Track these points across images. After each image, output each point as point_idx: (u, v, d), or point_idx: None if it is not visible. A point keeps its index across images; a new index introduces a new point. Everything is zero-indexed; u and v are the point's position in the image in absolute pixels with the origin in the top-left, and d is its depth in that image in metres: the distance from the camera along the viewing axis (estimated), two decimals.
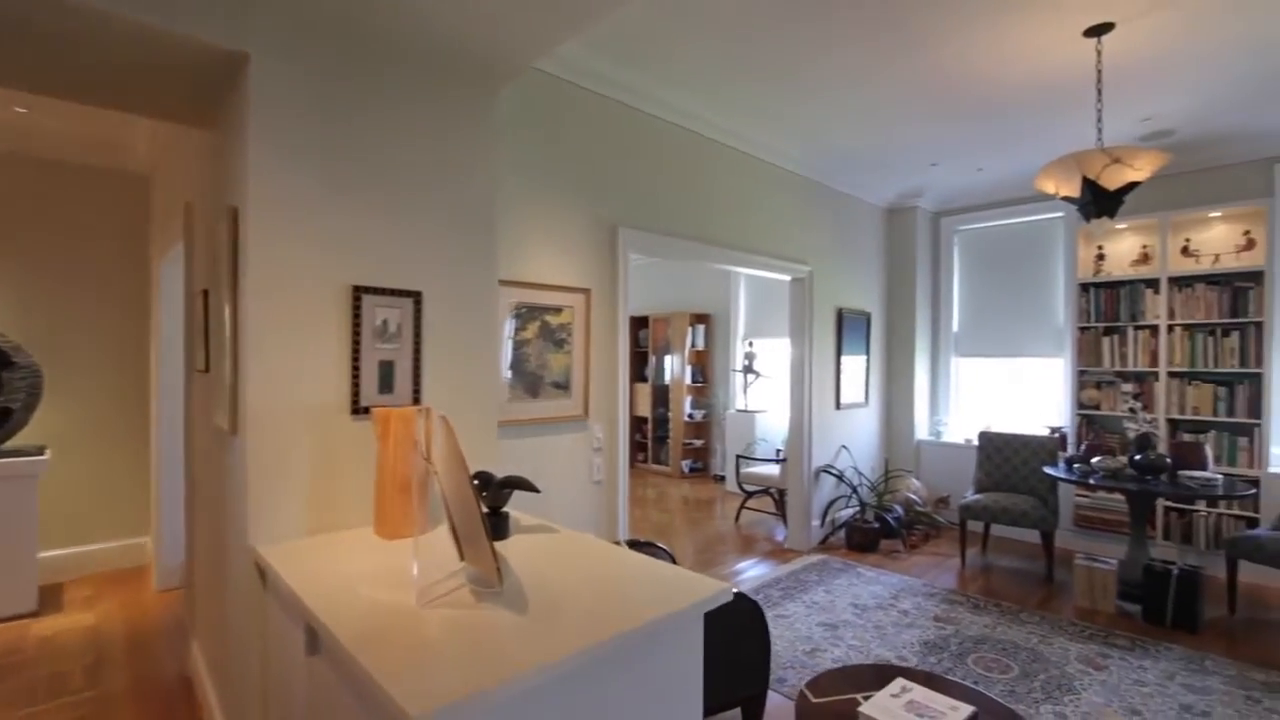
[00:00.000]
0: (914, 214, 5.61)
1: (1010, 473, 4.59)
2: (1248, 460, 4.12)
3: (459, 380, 2.25)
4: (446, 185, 2.21)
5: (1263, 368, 4.07)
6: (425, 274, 2.16)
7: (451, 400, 2.23)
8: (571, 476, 3.15)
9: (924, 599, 3.78)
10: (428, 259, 2.17)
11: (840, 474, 5.04)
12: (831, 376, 5.07)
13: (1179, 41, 2.96)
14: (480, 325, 2.31)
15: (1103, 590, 3.63)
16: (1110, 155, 2.67)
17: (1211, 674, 2.90)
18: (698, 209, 3.88)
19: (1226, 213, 4.31)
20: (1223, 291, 4.23)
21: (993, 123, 3.94)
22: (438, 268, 2.19)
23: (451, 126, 2.22)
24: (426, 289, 2.16)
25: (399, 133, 2.09)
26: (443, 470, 1.37)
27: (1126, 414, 4.25)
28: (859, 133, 4.16)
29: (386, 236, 2.07)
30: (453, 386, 2.23)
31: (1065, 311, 5.04)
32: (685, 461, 7.76)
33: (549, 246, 3.02)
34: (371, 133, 2.03)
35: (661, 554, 2.87)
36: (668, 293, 8.30)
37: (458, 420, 2.25)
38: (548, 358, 2.99)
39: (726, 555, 4.68)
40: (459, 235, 2.25)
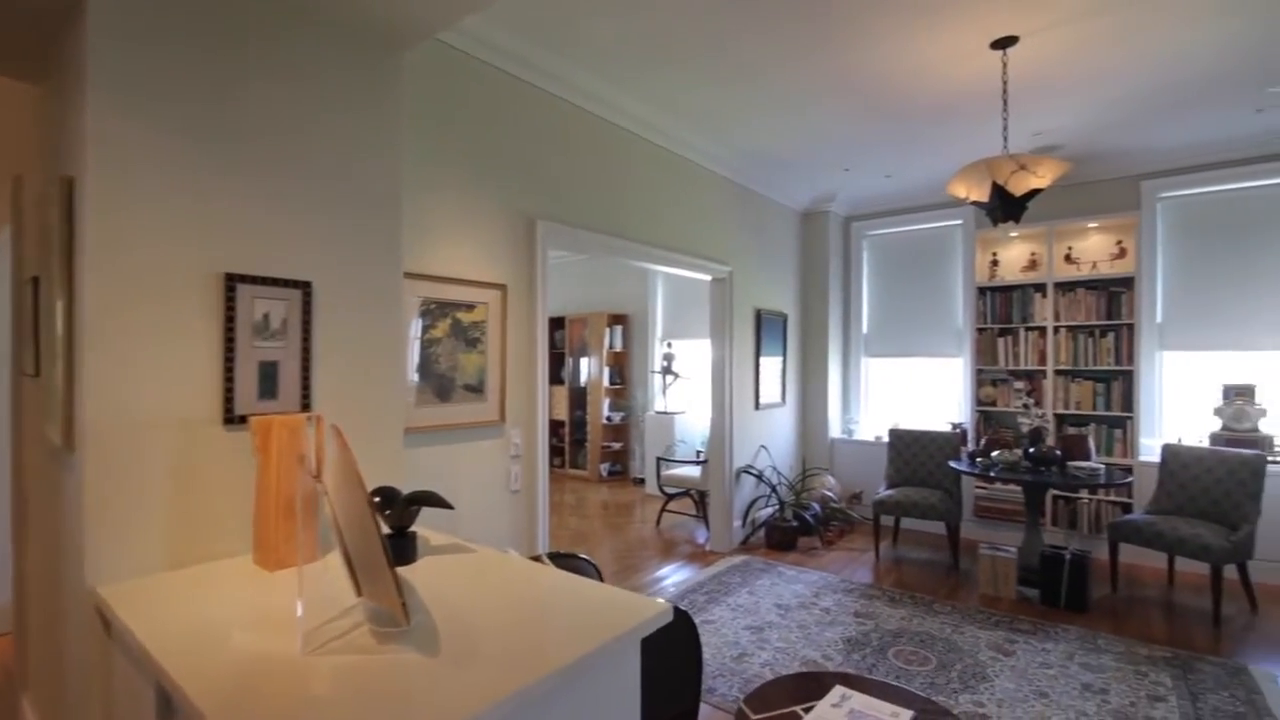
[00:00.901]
0: (827, 218, 5.76)
1: (918, 468, 4.78)
2: (1122, 450, 4.49)
3: (358, 383, 1.99)
4: (344, 163, 1.95)
5: (1134, 365, 4.45)
6: (317, 262, 1.89)
7: (349, 406, 1.97)
8: (487, 486, 2.92)
9: (843, 595, 3.83)
10: (320, 245, 1.90)
11: (760, 474, 5.07)
12: (751, 377, 5.09)
13: (1070, 62, 3.15)
14: (382, 321, 2.06)
15: (1004, 578, 3.82)
16: (1017, 162, 2.78)
17: (1104, 652, 3.09)
18: (620, 204, 3.75)
19: (1102, 224, 4.69)
20: (1100, 296, 4.60)
21: (903, 129, 4.07)
22: (332, 255, 1.93)
23: (349, 99, 1.96)
24: (318, 279, 1.89)
25: (285, 102, 1.82)
26: (334, 489, 1.15)
27: (1020, 410, 4.53)
28: (777, 131, 4.18)
29: (269, 218, 1.78)
30: (350, 390, 1.97)
31: (964, 314, 5.33)
32: (604, 465, 7.61)
33: (462, 238, 2.79)
34: (253, 101, 1.75)
35: (586, 567, 2.70)
36: (585, 292, 8.13)
37: (357, 429, 1.99)
38: (460, 358, 2.75)
39: (649, 561, 4.57)
40: (358, 220, 1.99)
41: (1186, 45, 3.01)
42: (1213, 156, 4.36)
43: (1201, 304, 4.46)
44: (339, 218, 1.94)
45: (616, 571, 4.32)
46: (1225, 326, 4.38)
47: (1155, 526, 3.64)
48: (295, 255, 1.84)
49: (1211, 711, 2.57)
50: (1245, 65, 3.23)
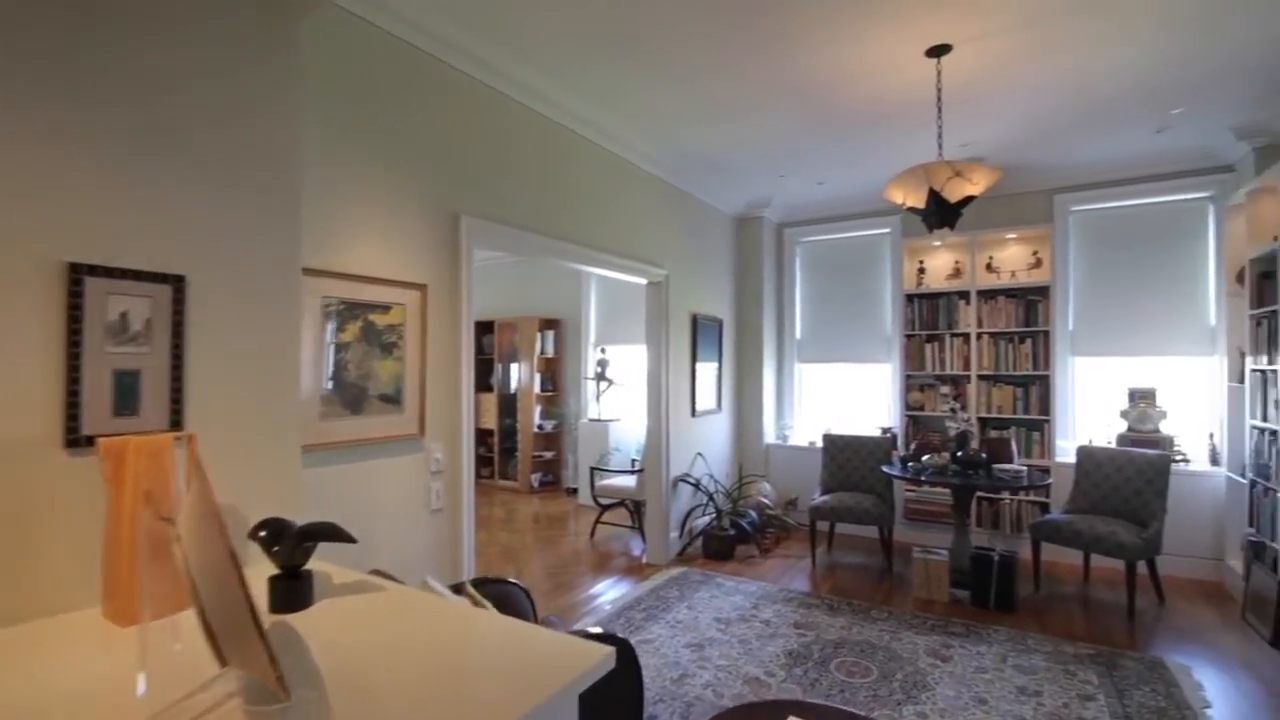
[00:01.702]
0: (761, 224, 5.75)
1: (851, 472, 4.80)
2: (1040, 452, 4.68)
3: (244, 395, 1.70)
4: (229, 138, 1.66)
5: (1050, 370, 4.65)
6: (192, 252, 1.60)
7: (233, 422, 1.68)
8: (405, 506, 2.64)
9: (783, 605, 3.76)
10: (197, 233, 1.61)
11: (697, 482, 4.97)
12: (687, 383, 4.99)
13: (997, 74, 3.21)
14: (276, 323, 1.78)
15: (937, 580, 3.86)
16: (953, 168, 2.79)
17: (1034, 652, 3.14)
18: (554, 203, 3.55)
19: (1020, 235, 4.88)
20: (1019, 304, 4.78)
21: (838, 136, 4.08)
22: (212, 245, 1.64)
23: (236, 62, 1.68)
24: (194, 272, 1.60)
25: (156, 62, 1.52)
26: (187, 534, 0.90)
27: (948, 414, 4.64)
28: (715, 134, 4.10)
29: (131, 199, 1.49)
30: (235, 404, 1.68)
31: (893, 320, 5.43)
32: (535, 475, 7.33)
33: (376, 233, 2.51)
34: (115, 60, 1.45)
35: (516, 594, 2.48)
36: (515, 295, 7.83)
37: (243, 449, 1.70)
38: (373, 365, 2.48)
39: (583, 576, 4.36)
40: (246, 205, 1.71)
41: (1100, 66, 3.13)
42: (1117, 174, 4.62)
43: (1108, 312, 4.71)
44: (222, 202, 1.66)
45: (549, 590, 4.08)
46: (1129, 333, 4.64)
47: (1074, 525, 3.78)
48: (164, 244, 1.55)
49: (1138, 708, 2.63)
50: (1150, 87, 3.39)
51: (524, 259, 7.57)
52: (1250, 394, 3.66)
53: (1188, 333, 4.48)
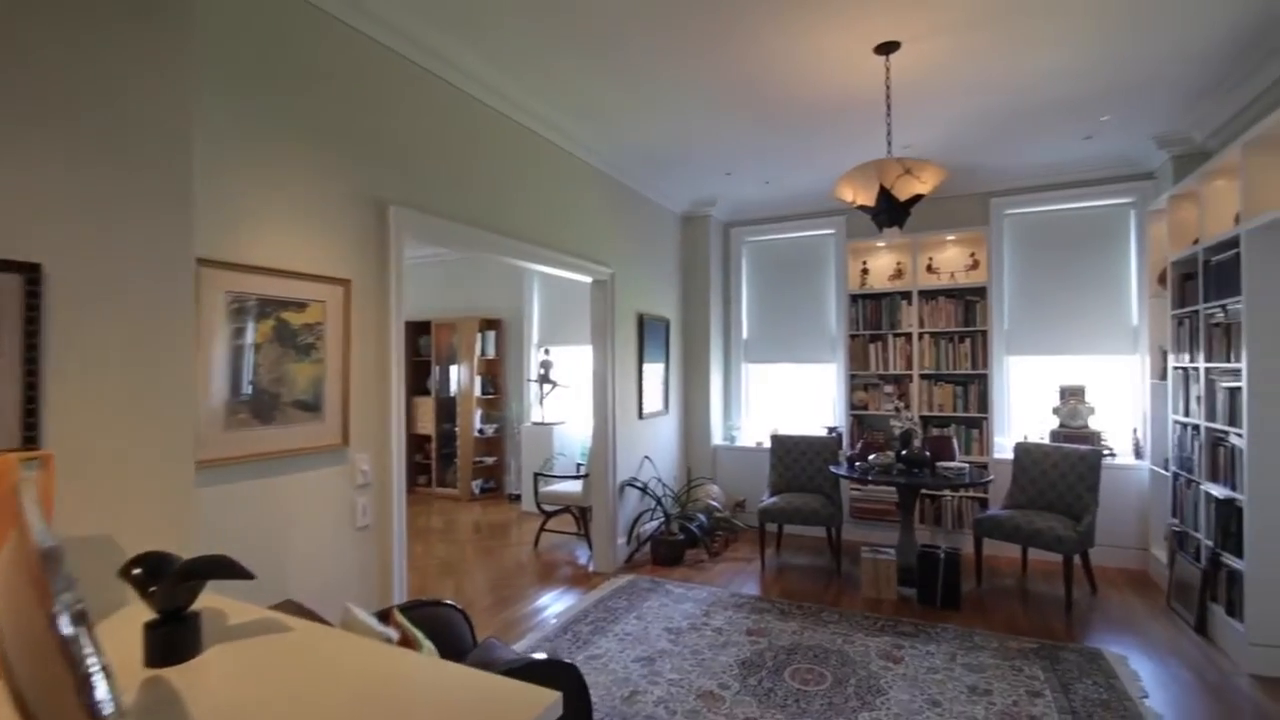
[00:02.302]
0: (707, 222, 5.69)
1: (799, 473, 4.78)
2: (979, 449, 4.78)
3: (123, 405, 1.45)
4: (97, 98, 1.41)
5: (988, 369, 4.76)
6: (52, 237, 1.34)
7: (107, 437, 1.42)
8: (326, 524, 2.39)
9: (734, 612, 3.67)
10: (57, 215, 1.35)
11: (645, 486, 4.84)
12: (634, 385, 4.85)
13: (941, 74, 3.22)
14: (163, 321, 1.53)
15: (886, 579, 3.86)
16: (903, 165, 2.75)
17: (981, 649, 3.16)
18: (494, 196, 3.34)
19: (958, 237, 4.99)
20: (958, 304, 4.88)
21: (785, 134, 4.03)
22: (78, 230, 1.38)
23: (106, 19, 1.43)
24: (54, 260, 1.34)
25: None
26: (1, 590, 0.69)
27: (892, 413, 4.68)
28: (663, 129, 3.98)
29: None
30: (110, 416, 1.43)
31: (838, 320, 5.47)
32: (476, 482, 7.04)
33: (290, 222, 2.26)
34: None
35: (453, 617, 2.28)
36: (453, 295, 7.51)
37: (122, 467, 1.44)
38: (288, 369, 2.22)
39: (526, 589, 4.16)
40: (121, 186, 1.45)
41: (1039, 68, 3.18)
42: (1047, 179, 4.78)
43: (1040, 313, 4.87)
44: (90, 181, 1.40)
45: (491, 605, 3.86)
46: (1059, 333, 4.81)
47: (1014, 520, 3.85)
48: (13, 227, 1.29)
49: (1083, 701, 2.66)
50: (1082, 95, 3.49)
51: (463, 256, 7.28)
52: (1172, 390, 3.82)
53: (1112, 332, 4.67)
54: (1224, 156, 3.18)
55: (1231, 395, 3.10)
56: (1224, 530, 3.15)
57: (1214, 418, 3.26)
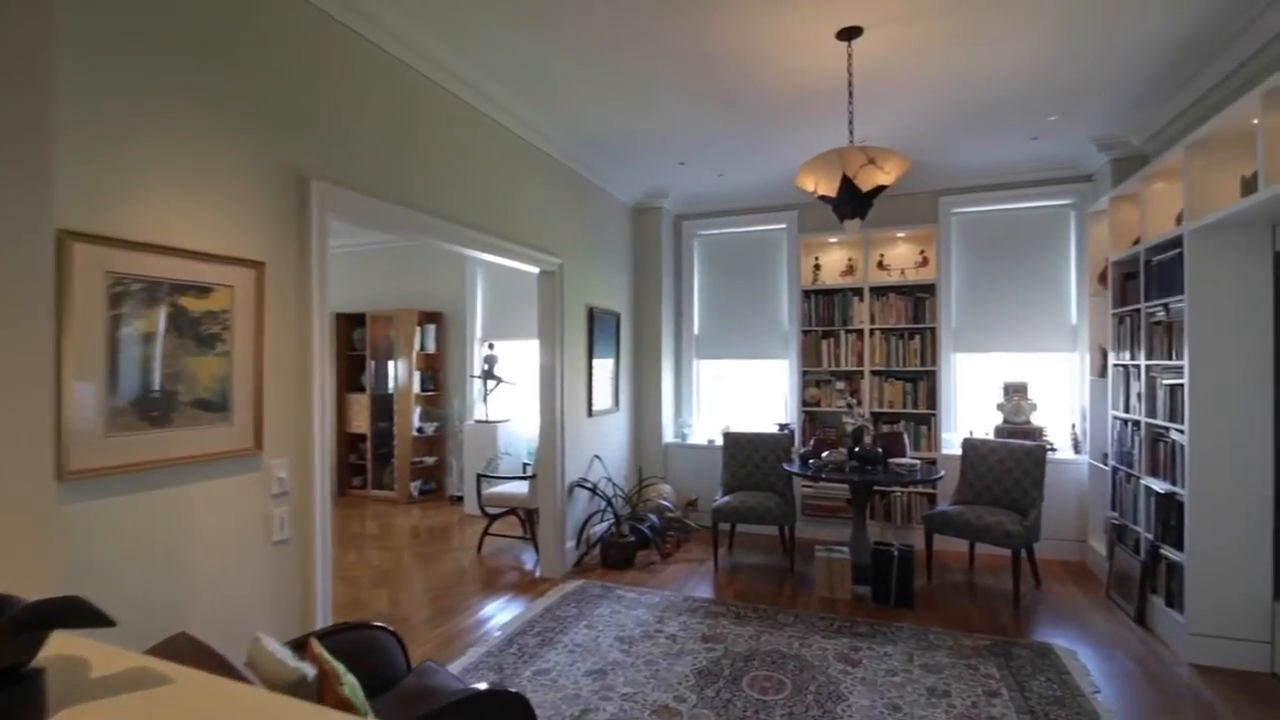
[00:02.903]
0: (659, 214, 5.53)
1: (752, 470, 4.70)
2: (927, 445, 4.82)
3: None
4: None
5: (936, 366, 4.79)
6: None
7: None
8: (236, 541, 2.11)
9: (688, 617, 3.53)
10: None
11: (594, 487, 4.65)
12: (583, 381, 4.65)
13: (900, 64, 3.16)
14: (10, 307, 1.24)
15: (840, 578, 3.81)
16: (867, 155, 2.66)
17: (937, 647, 3.13)
18: (434, 175, 3.08)
19: (908, 234, 5.01)
20: (908, 301, 4.90)
21: (742, 121, 3.91)
22: None
23: None
24: None
25: None
26: None
27: (844, 409, 4.65)
28: (617, 113, 3.79)
29: None
30: None
31: (790, 316, 5.42)
32: (415, 483, 6.68)
33: (188, 193, 1.96)
34: None
35: (382, 641, 2.04)
36: (390, 285, 7.11)
37: None
38: (187, 363, 1.92)
39: (469, 598, 3.90)
40: None
41: (995, 64, 3.17)
42: (994, 179, 4.85)
43: (985, 311, 4.95)
44: None
45: (430, 618, 3.60)
46: (1003, 331, 4.90)
47: (964, 516, 3.86)
48: None
49: (1039, 699, 2.65)
50: (1032, 93, 3.51)
51: (402, 243, 6.88)
52: (1112, 387, 3.92)
53: (1053, 330, 4.79)
54: (1166, 159, 3.24)
55: (1172, 392, 3.16)
56: (1164, 524, 3.22)
57: (1155, 414, 3.33)
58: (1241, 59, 2.98)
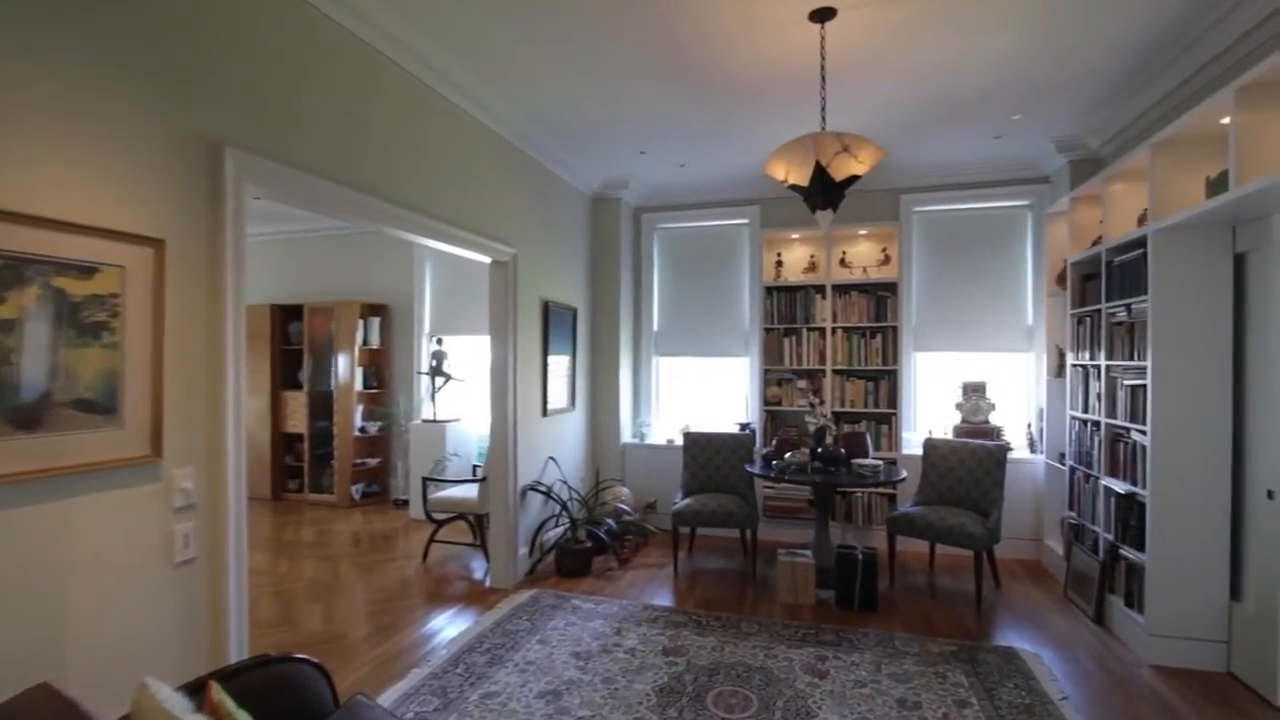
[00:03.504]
0: (618, 206, 5.33)
1: (713, 472, 4.55)
2: (888, 444, 4.77)
3: None
4: None
5: (898, 365, 4.75)
6: None
7: None
8: (128, 563, 1.81)
9: (648, 628, 3.35)
10: None
11: (549, 490, 4.42)
12: (538, 379, 4.42)
13: (872, 53, 3.05)
14: None
15: (804, 583, 3.70)
16: (841, 141, 2.53)
17: (904, 654, 3.03)
18: (376, 154, 2.80)
19: (870, 231, 4.95)
20: (870, 299, 4.84)
21: (706, 107, 3.75)
22: None
23: None
24: None
25: None
26: None
27: (806, 409, 4.55)
28: (577, 95, 3.57)
29: None
30: None
31: (751, 313, 5.30)
32: (357, 486, 6.30)
33: (64, 150, 1.65)
34: None
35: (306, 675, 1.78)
36: (330, 275, 6.68)
37: None
38: (64, 357, 1.62)
39: (412, 612, 3.62)
40: None
41: (966, 55, 3.09)
42: (955, 178, 4.83)
43: (945, 310, 4.93)
44: None
45: (369, 635, 3.31)
46: (962, 331, 4.90)
47: (927, 518, 3.81)
48: None
49: (1009, 708, 2.57)
50: (999, 90, 3.46)
51: (346, 230, 6.46)
52: (1070, 387, 3.93)
53: (1010, 331, 4.81)
54: (1129, 159, 3.23)
55: (1133, 393, 3.16)
56: (1124, 524, 3.22)
57: (1115, 414, 3.33)
58: (1204, 60, 2.98)
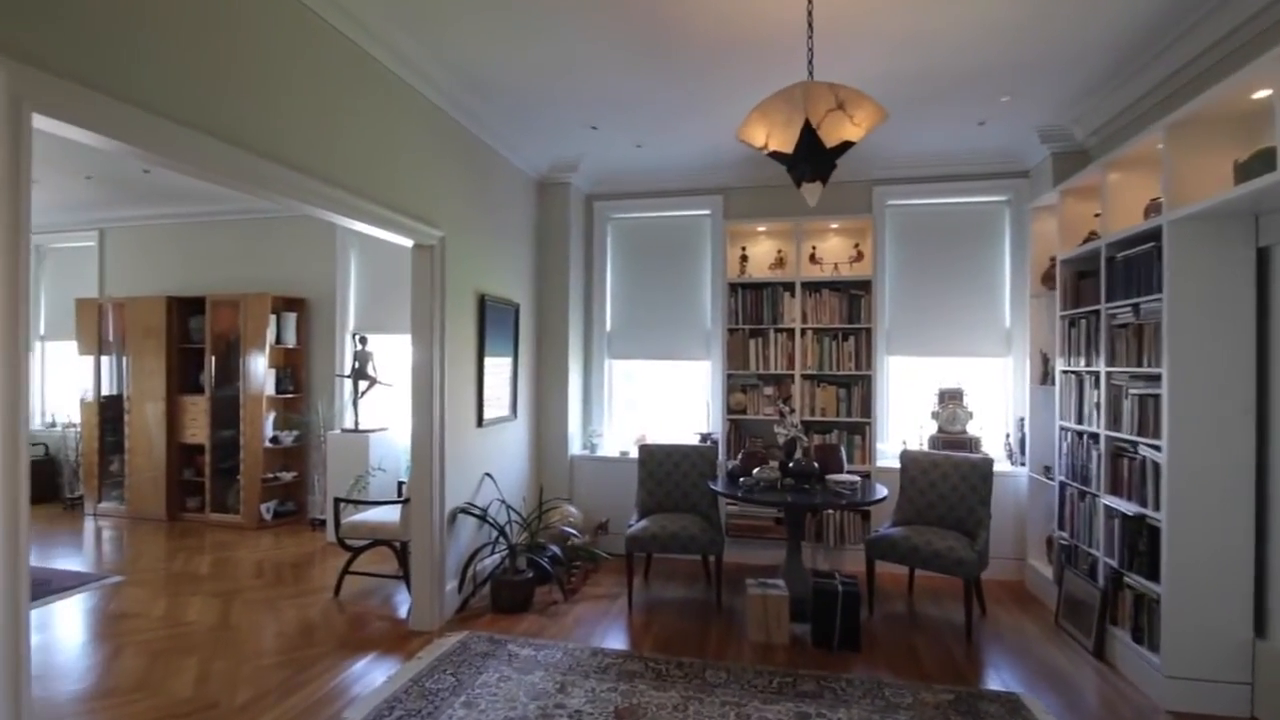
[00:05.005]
0: (567, 191, 4.79)
1: (672, 489, 4.06)
2: (861, 456, 4.38)
3: None
4: None
5: (872, 370, 4.37)
6: None
7: None
8: None
9: (598, 680, 2.82)
10: None
11: (484, 513, 3.83)
12: (472, 384, 3.83)
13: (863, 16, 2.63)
14: None
15: (776, 619, 3.24)
16: (836, 95, 2.07)
17: (897, 707, 2.60)
18: (261, 102, 2.20)
19: (842, 225, 4.57)
20: (842, 298, 4.45)
21: (668, 72, 3.26)
22: None
23: None
24: None
25: None
26: None
27: (775, 418, 4.12)
28: (517, 49, 3.03)
29: None
30: None
31: (714, 313, 4.85)
32: (268, 504, 5.54)
33: None
34: None
35: None
36: (238, 264, 5.90)
37: None
38: None
39: (313, 666, 2.99)
40: None
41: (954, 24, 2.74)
42: (930, 169, 4.50)
43: (919, 311, 4.60)
44: None
45: (249, 703, 2.66)
46: (936, 334, 4.57)
47: (910, 541, 3.42)
48: None
49: None
50: (995, 62, 3.10)
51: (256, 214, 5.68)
52: (1060, 396, 3.61)
53: (987, 334, 4.51)
54: (1135, 144, 2.91)
55: (1142, 403, 2.83)
56: (1131, 549, 2.88)
57: (1118, 426, 3.00)
58: (1222, 33, 2.67)
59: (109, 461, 5.94)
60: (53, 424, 6.60)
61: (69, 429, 6.33)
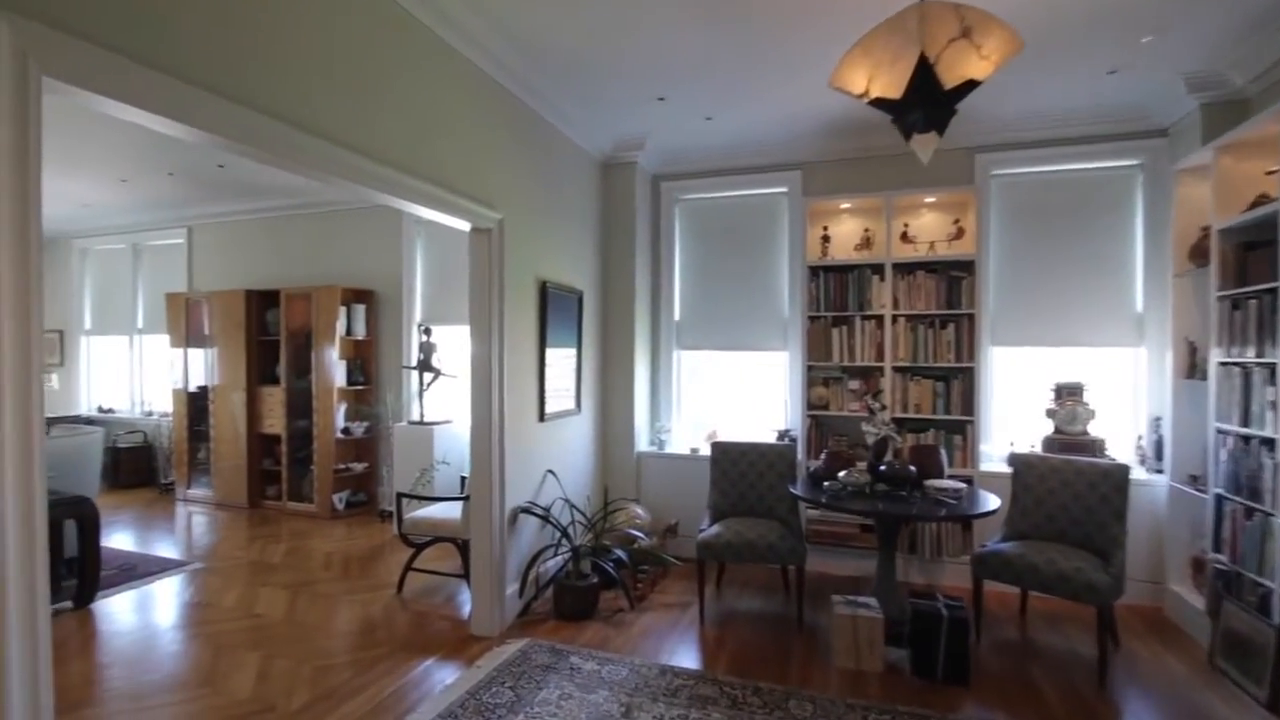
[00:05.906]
0: (632, 172, 4.51)
1: (747, 490, 3.73)
2: (962, 459, 3.90)
3: None
4: None
5: (975, 361, 3.87)
6: None
7: None
8: None
9: (666, 704, 2.55)
10: None
11: (546, 513, 3.63)
12: (534, 376, 3.63)
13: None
14: None
15: (869, 643, 2.86)
16: (960, 19, 1.68)
17: None
18: (298, 74, 2.03)
19: (938, 199, 4.07)
20: (940, 281, 3.96)
21: (740, 35, 2.91)
22: None
23: None
24: None
25: None
26: None
27: (864, 414, 3.71)
28: (581, 21, 2.76)
29: None
30: None
31: (792, 299, 4.46)
32: (340, 495, 5.59)
33: None
34: None
35: None
36: (310, 257, 5.98)
37: None
38: None
39: (371, 668, 2.87)
40: None
41: None
42: (1044, 131, 3.93)
43: (1029, 295, 4.05)
44: None
45: (304, 708, 2.55)
46: (1051, 321, 4.01)
47: (1027, 559, 2.95)
48: None
49: None
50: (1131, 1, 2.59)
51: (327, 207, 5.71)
52: (1217, 392, 3.03)
53: (1113, 320, 3.91)
54: None
55: None
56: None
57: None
58: None
59: (197, 449, 6.19)
60: (150, 413, 6.96)
61: (163, 418, 6.66)
